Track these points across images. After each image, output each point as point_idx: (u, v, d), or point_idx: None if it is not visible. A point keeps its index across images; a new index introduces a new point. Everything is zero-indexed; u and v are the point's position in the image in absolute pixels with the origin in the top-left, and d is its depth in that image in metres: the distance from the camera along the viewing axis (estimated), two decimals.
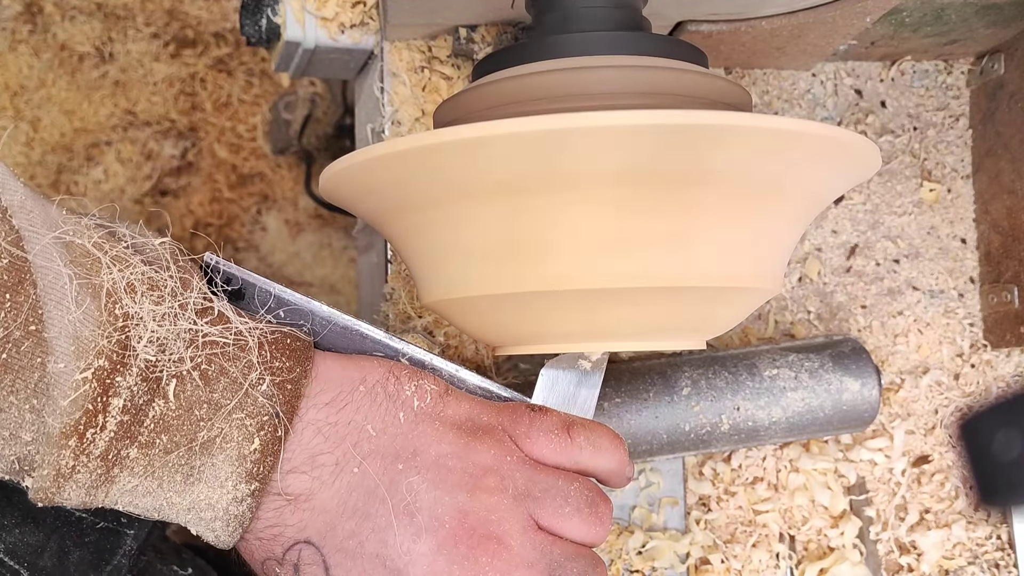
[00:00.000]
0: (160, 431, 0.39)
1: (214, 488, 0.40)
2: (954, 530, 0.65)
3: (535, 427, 0.45)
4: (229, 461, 0.40)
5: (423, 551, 0.41)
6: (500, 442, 0.44)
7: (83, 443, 0.37)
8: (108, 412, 0.38)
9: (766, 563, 0.62)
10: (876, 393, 0.59)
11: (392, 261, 0.60)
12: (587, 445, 0.45)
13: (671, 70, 0.42)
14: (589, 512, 0.44)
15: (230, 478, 0.40)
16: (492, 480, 0.43)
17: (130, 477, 0.39)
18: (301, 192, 1.22)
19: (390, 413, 0.43)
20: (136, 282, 0.39)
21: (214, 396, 0.39)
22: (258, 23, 0.62)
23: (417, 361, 0.47)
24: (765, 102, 0.68)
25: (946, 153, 0.69)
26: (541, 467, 0.45)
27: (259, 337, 0.41)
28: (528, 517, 0.43)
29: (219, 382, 0.40)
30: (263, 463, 0.40)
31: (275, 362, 0.41)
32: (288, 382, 0.41)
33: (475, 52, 0.58)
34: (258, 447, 0.40)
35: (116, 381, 0.38)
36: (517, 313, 0.42)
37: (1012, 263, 0.65)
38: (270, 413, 0.40)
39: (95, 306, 0.38)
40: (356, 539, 0.41)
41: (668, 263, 0.39)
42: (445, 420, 0.44)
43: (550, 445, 0.45)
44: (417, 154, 0.38)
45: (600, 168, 0.37)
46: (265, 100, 1.24)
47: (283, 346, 0.42)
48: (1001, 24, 0.63)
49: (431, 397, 0.44)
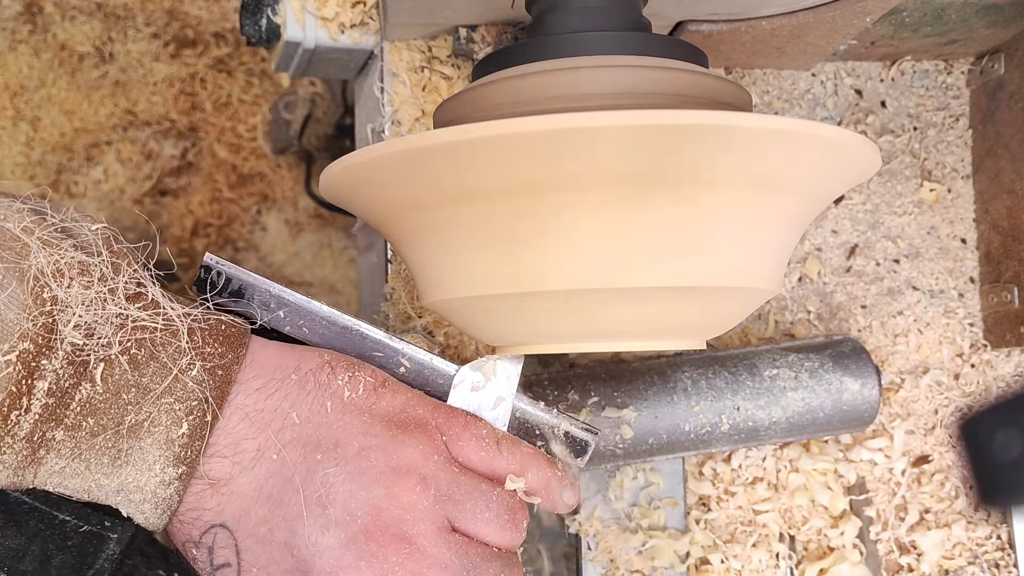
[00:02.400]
0: (87, 414, 0.39)
1: (142, 471, 0.40)
2: (954, 530, 0.65)
3: (468, 431, 0.45)
4: (157, 445, 0.40)
5: (331, 544, 0.41)
6: (430, 439, 0.44)
7: (7, 424, 0.38)
8: (33, 394, 0.38)
9: (766, 563, 0.62)
10: (876, 393, 0.59)
11: (392, 261, 0.60)
12: (511, 457, 0.46)
13: (671, 70, 0.42)
14: (508, 519, 0.44)
15: (158, 461, 0.40)
16: (413, 479, 0.43)
17: (57, 459, 0.39)
18: (301, 192, 1.22)
19: (317, 402, 0.43)
20: (65, 267, 0.39)
21: (143, 380, 0.40)
22: (258, 23, 0.62)
23: (417, 361, 0.47)
24: (765, 102, 0.68)
25: (946, 153, 0.69)
26: (465, 471, 0.45)
27: (191, 323, 0.42)
28: (445, 519, 0.43)
29: (148, 366, 0.40)
30: (191, 447, 0.40)
31: (207, 347, 0.42)
32: (219, 368, 0.41)
33: (475, 52, 0.58)
34: (186, 431, 0.40)
35: (41, 364, 0.38)
36: (517, 313, 0.42)
37: (1012, 263, 0.65)
38: (199, 398, 0.41)
39: (21, 290, 0.38)
40: (267, 526, 0.42)
41: (668, 263, 0.39)
42: (376, 412, 0.44)
43: (479, 452, 0.45)
44: (417, 154, 0.38)
45: (600, 168, 0.37)
46: (265, 100, 1.24)
47: (217, 332, 0.42)
48: (1001, 24, 0.63)
49: (364, 388, 0.44)
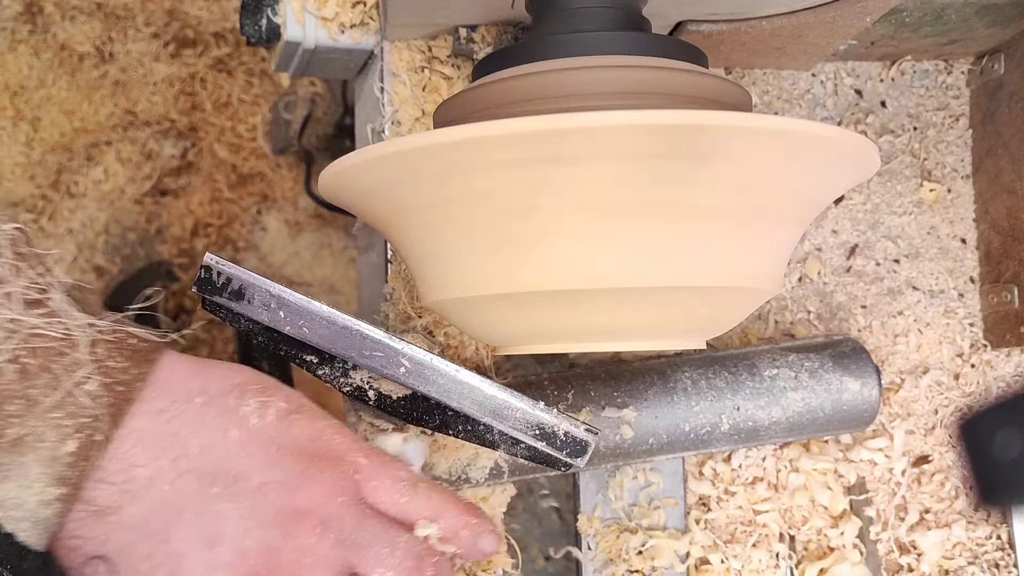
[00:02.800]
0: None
1: (22, 487, 0.37)
2: (954, 530, 0.65)
3: (386, 471, 0.43)
4: (40, 462, 0.37)
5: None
6: (340, 476, 0.42)
7: None
8: None
9: (766, 563, 0.62)
10: (876, 393, 0.59)
11: (392, 261, 0.60)
12: (429, 502, 0.44)
13: (671, 70, 0.42)
14: (412, 566, 0.42)
15: (39, 479, 0.37)
16: (314, 519, 0.40)
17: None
18: (301, 192, 1.22)
19: (220, 429, 0.41)
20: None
21: (31, 392, 0.37)
22: (258, 23, 0.62)
23: (417, 361, 0.47)
24: (765, 102, 0.68)
25: (946, 153, 0.69)
26: (374, 513, 0.42)
27: (96, 334, 0.39)
28: (345, 565, 0.41)
29: (39, 378, 0.37)
30: (76, 467, 0.37)
31: (111, 361, 0.39)
32: (120, 384, 0.39)
33: (475, 52, 0.58)
34: (73, 450, 0.37)
35: None
36: (517, 313, 0.42)
37: (1012, 263, 0.65)
38: (92, 415, 0.38)
39: None
40: (151, 562, 0.39)
41: (667, 263, 0.39)
42: (284, 443, 0.42)
43: (393, 494, 0.43)
44: (417, 154, 0.38)
45: (599, 168, 0.37)
46: (265, 100, 1.24)
47: (124, 346, 0.39)
48: (1001, 24, 0.63)
49: (275, 415, 0.42)
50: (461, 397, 0.47)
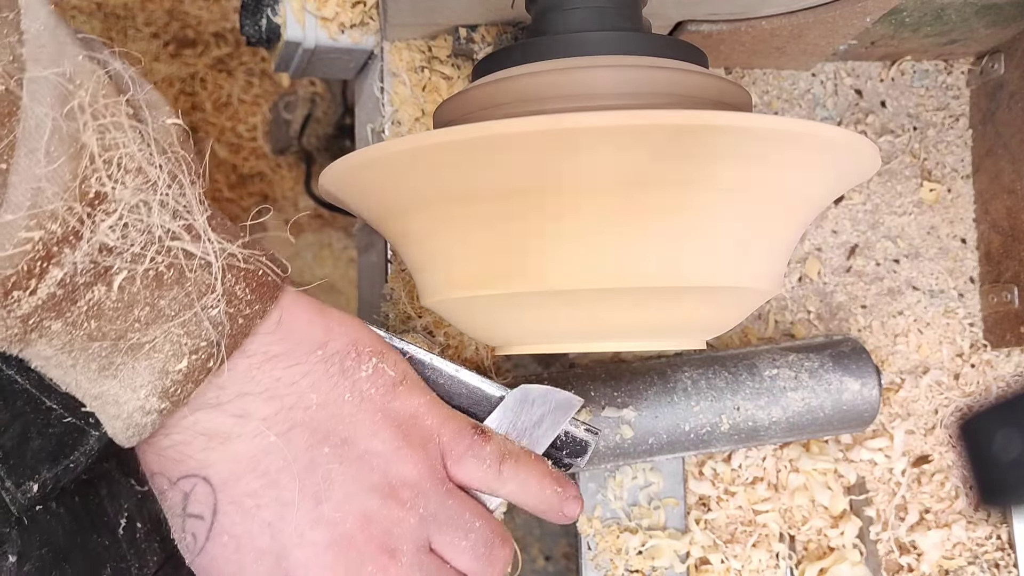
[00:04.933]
0: (92, 316, 0.36)
1: (126, 390, 0.38)
2: (954, 530, 0.65)
3: (471, 452, 0.44)
4: (150, 371, 0.37)
5: (315, 540, 0.40)
6: (428, 457, 0.43)
7: (6, 300, 0.34)
8: (44, 279, 0.35)
9: (766, 563, 0.62)
10: (876, 393, 0.59)
11: (392, 261, 0.60)
12: (513, 480, 0.45)
13: (671, 70, 0.42)
14: (484, 552, 0.44)
15: (144, 387, 0.37)
16: (407, 494, 0.42)
17: (47, 347, 0.37)
18: (301, 192, 1.22)
19: (336, 389, 0.42)
20: (126, 160, 0.36)
21: (160, 303, 0.37)
22: (258, 23, 0.62)
23: (417, 361, 0.47)
24: (765, 102, 0.68)
25: (946, 153, 0.69)
26: (456, 492, 0.44)
27: (228, 258, 0.39)
28: (426, 539, 0.42)
29: (171, 290, 0.37)
30: (183, 386, 0.38)
31: (236, 290, 0.39)
32: (241, 316, 0.39)
33: (475, 52, 0.58)
34: (184, 368, 0.38)
35: (63, 252, 0.35)
36: (517, 313, 0.42)
37: (1012, 263, 0.65)
38: (210, 340, 0.38)
39: (69, 168, 0.34)
40: (255, 500, 0.40)
41: (668, 263, 0.39)
42: (388, 414, 0.43)
43: (477, 473, 0.44)
44: (417, 154, 0.38)
45: (600, 168, 0.37)
46: (265, 100, 1.24)
47: (251, 277, 0.39)
48: (1001, 24, 0.63)
49: (384, 385, 0.43)
50: (461, 397, 0.48)
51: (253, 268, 0.40)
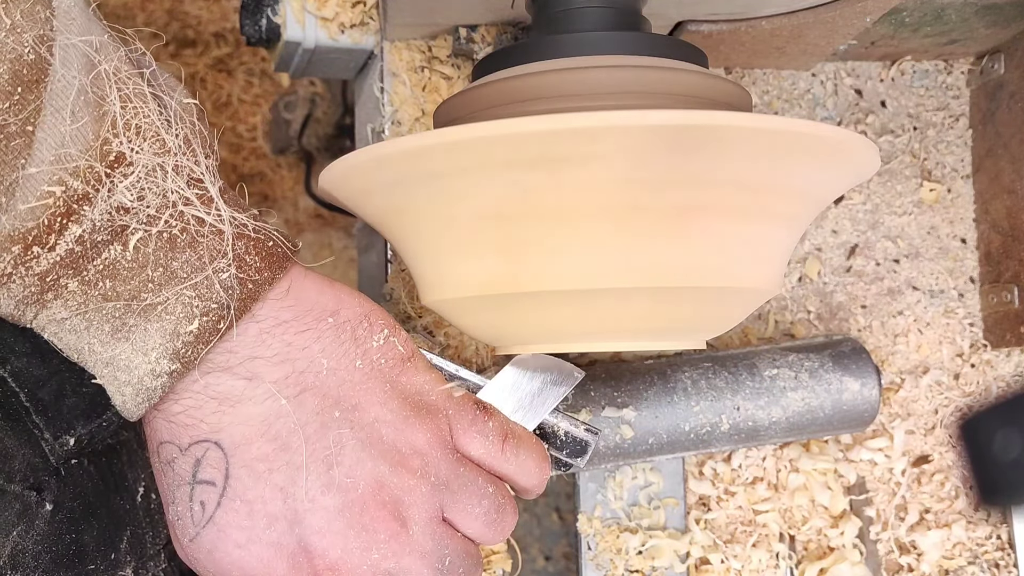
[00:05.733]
0: (107, 276, 0.38)
1: (137, 353, 0.38)
2: (954, 530, 0.65)
3: (475, 427, 0.45)
4: (162, 333, 0.38)
5: (327, 505, 0.41)
6: (438, 427, 0.44)
7: (26, 255, 0.36)
8: (63, 235, 0.36)
9: (766, 563, 0.62)
10: (876, 393, 0.59)
11: (392, 261, 0.60)
12: (513, 460, 0.46)
13: (671, 70, 0.42)
14: (496, 517, 0.44)
15: (155, 349, 0.38)
16: (417, 462, 0.42)
17: (62, 308, 0.38)
18: (301, 192, 1.22)
19: (348, 356, 0.42)
20: (145, 126, 0.38)
21: (173, 264, 0.38)
22: (258, 23, 0.62)
23: None
24: (765, 102, 0.68)
25: (946, 153, 0.69)
26: (466, 461, 0.44)
27: (239, 227, 0.40)
28: (438, 508, 0.43)
29: (184, 253, 0.38)
30: (194, 348, 0.39)
31: (247, 257, 0.40)
32: (251, 281, 0.40)
33: (475, 52, 0.58)
34: (195, 330, 0.38)
35: (83, 209, 0.36)
36: (517, 313, 0.42)
37: (1012, 263, 0.65)
38: (220, 303, 0.39)
39: (92, 129, 0.36)
40: (266, 464, 0.41)
41: (668, 263, 0.39)
42: (396, 386, 0.43)
43: (481, 448, 0.45)
44: (417, 154, 0.38)
45: (600, 168, 0.37)
46: (265, 100, 1.24)
47: (261, 246, 0.40)
48: (1001, 24, 0.63)
49: (394, 358, 0.44)
50: None
51: (263, 239, 0.41)
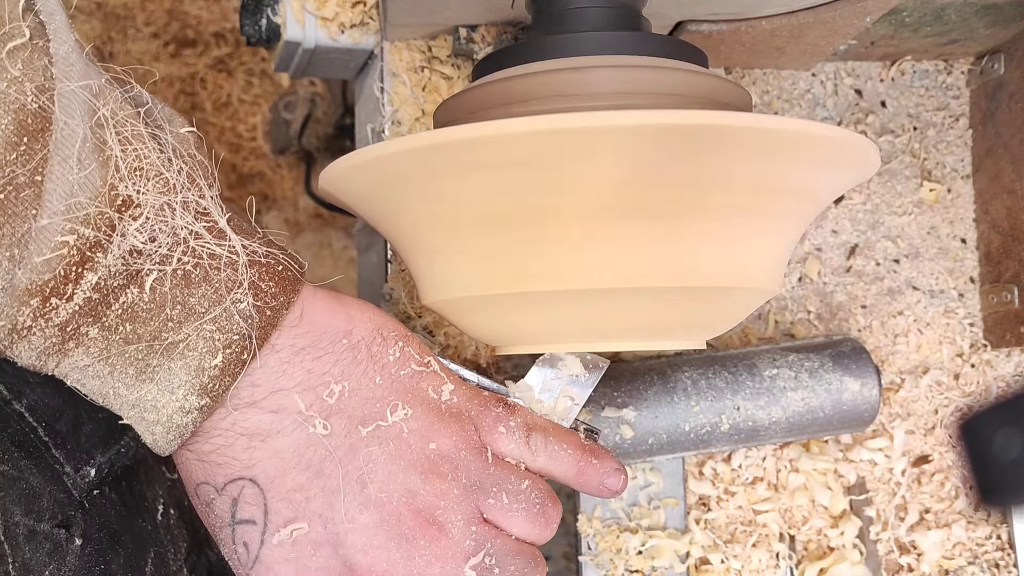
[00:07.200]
0: (127, 319, 0.38)
1: (164, 392, 0.39)
2: (954, 530, 0.65)
3: (499, 424, 0.45)
4: (187, 369, 0.39)
5: (366, 522, 0.41)
6: (463, 429, 0.44)
7: (45, 307, 0.36)
8: (79, 284, 0.37)
9: (766, 563, 0.62)
10: (876, 393, 0.59)
11: (392, 261, 0.60)
12: (543, 453, 0.45)
13: (671, 70, 0.42)
14: (537, 511, 0.44)
15: (183, 386, 0.39)
16: (446, 467, 0.43)
17: (84, 356, 0.38)
18: (301, 192, 1.22)
19: (367, 375, 0.43)
20: (147, 167, 0.38)
21: (191, 300, 0.38)
22: (258, 23, 0.62)
23: None
24: (765, 102, 0.68)
25: (946, 153, 0.69)
26: (497, 460, 0.45)
27: (251, 255, 0.40)
28: (475, 509, 0.43)
29: (199, 288, 0.39)
30: (220, 381, 0.39)
31: (261, 284, 0.40)
32: (268, 308, 0.40)
33: (475, 52, 0.58)
34: (219, 363, 0.39)
35: (97, 256, 0.37)
36: (517, 313, 0.42)
37: (1012, 263, 0.65)
38: (241, 333, 0.39)
39: (99, 175, 0.36)
40: (303, 494, 0.41)
41: (668, 263, 0.39)
42: (417, 394, 0.44)
43: (508, 445, 0.45)
44: (416, 154, 0.38)
45: (599, 168, 0.37)
46: (265, 100, 1.24)
47: (273, 272, 0.41)
48: (1001, 24, 0.63)
49: (411, 367, 0.44)
50: None
51: (273, 263, 0.41)
